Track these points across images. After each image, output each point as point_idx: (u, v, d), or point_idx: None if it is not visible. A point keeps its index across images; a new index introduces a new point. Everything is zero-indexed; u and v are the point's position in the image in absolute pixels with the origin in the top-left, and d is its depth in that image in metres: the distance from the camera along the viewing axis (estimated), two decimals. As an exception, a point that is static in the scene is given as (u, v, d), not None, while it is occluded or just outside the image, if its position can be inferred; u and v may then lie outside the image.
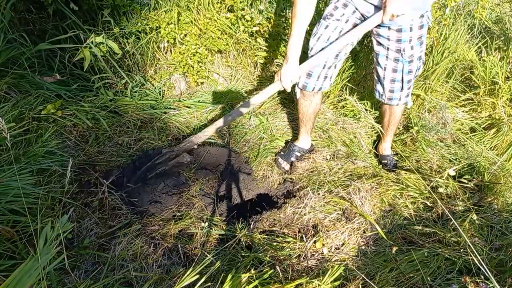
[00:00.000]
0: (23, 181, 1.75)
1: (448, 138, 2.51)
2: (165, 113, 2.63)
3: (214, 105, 2.73)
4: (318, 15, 2.41)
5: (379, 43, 1.94)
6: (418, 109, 2.66)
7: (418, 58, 1.93)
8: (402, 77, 1.98)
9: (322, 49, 1.91)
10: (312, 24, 1.98)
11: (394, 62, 1.94)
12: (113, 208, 1.93)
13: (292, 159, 2.37)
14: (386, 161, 2.35)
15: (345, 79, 2.76)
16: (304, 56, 1.94)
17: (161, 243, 1.77)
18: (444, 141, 2.48)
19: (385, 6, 1.65)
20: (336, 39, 1.89)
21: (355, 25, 1.88)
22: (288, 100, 2.82)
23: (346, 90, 2.76)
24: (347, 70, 2.72)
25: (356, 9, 1.86)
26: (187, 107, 2.74)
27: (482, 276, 1.38)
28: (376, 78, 2.11)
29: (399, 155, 2.40)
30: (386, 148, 2.40)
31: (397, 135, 2.59)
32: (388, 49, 1.91)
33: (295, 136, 2.51)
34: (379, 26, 1.84)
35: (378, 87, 2.12)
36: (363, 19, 1.87)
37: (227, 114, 2.20)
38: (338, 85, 2.78)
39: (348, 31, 1.87)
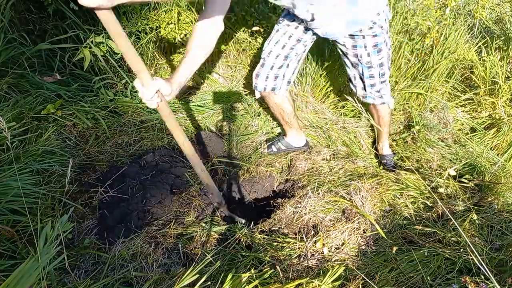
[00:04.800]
0: (23, 181, 1.76)
1: (449, 137, 2.51)
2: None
3: (214, 109, 2.73)
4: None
5: (339, 48, 1.95)
6: (419, 108, 2.66)
7: (378, 65, 1.91)
8: (363, 80, 1.99)
9: (271, 51, 1.95)
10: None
11: (354, 67, 1.97)
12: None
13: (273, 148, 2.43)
14: (385, 161, 2.36)
15: (344, 79, 2.75)
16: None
17: (161, 242, 1.77)
18: (445, 140, 2.48)
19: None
20: (286, 43, 1.91)
21: (305, 32, 1.88)
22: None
23: (346, 90, 2.76)
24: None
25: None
26: (190, 109, 2.74)
27: (482, 276, 1.38)
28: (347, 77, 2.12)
29: (399, 155, 2.40)
30: (384, 148, 2.41)
31: (398, 133, 2.59)
32: (346, 54, 1.92)
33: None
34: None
35: (351, 85, 2.13)
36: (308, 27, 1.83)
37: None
38: (337, 85, 2.77)
39: (299, 38, 1.89)
